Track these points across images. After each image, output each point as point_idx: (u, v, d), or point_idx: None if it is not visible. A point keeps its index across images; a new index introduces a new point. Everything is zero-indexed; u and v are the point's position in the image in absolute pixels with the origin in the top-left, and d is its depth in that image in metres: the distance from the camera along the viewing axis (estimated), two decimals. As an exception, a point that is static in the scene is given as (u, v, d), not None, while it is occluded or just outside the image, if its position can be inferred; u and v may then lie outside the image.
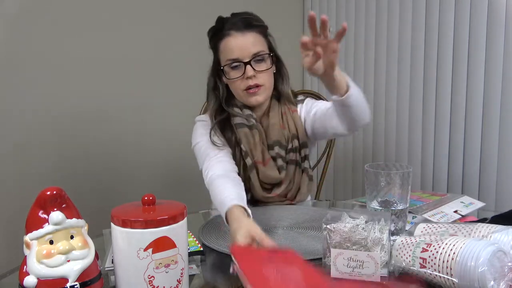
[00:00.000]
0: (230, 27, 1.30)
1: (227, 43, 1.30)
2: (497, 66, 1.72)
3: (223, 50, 1.31)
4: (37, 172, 1.80)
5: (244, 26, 1.31)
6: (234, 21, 1.32)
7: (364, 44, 2.22)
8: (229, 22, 1.31)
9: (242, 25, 1.31)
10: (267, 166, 1.30)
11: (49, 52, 1.79)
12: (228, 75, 1.31)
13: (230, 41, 1.29)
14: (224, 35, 1.30)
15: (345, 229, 0.81)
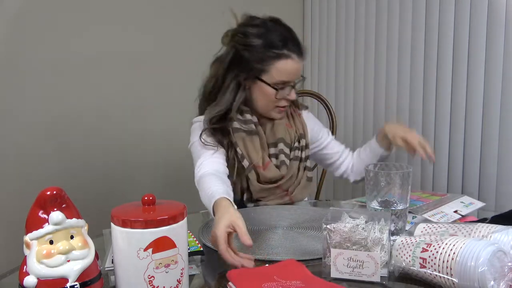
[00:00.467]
0: (293, 50, 1.27)
1: (287, 65, 1.27)
2: (497, 66, 1.72)
3: (280, 69, 1.26)
4: (37, 172, 1.80)
5: (302, 52, 1.30)
6: (295, 43, 1.29)
7: (364, 44, 2.22)
8: (291, 43, 1.28)
9: (301, 52, 1.30)
10: (267, 170, 1.31)
11: (49, 52, 1.79)
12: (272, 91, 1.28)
13: (290, 65, 1.27)
14: (286, 55, 1.26)
15: (345, 229, 0.81)
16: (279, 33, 1.28)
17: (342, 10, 2.31)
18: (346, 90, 2.32)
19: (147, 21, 2.02)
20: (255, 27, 1.29)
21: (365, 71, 2.23)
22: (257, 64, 1.26)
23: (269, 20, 1.31)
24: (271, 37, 1.27)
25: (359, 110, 2.28)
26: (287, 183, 1.34)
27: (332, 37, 2.37)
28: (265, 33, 1.27)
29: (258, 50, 1.26)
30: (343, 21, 2.31)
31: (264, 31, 1.28)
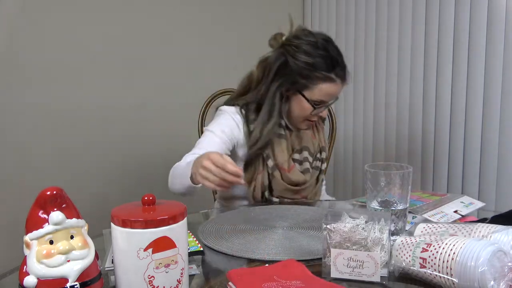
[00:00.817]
0: (339, 75, 1.32)
1: (330, 88, 1.32)
2: (497, 66, 1.72)
3: (323, 90, 1.32)
4: (37, 172, 1.80)
5: (346, 78, 1.35)
6: (342, 68, 1.33)
7: (364, 45, 2.22)
8: (338, 68, 1.32)
9: (345, 78, 1.34)
10: (291, 173, 1.36)
11: (49, 52, 1.79)
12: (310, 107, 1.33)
13: (333, 88, 1.32)
14: (331, 79, 1.31)
15: (345, 229, 0.81)
16: (330, 55, 1.31)
17: (342, 10, 2.31)
18: (346, 90, 2.32)
19: (147, 21, 2.02)
20: (309, 45, 1.31)
21: (365, 71, 2.23)
22: (303, 79, 1.31)
23: (323, 39, 1.33)
24: (322, 58, 1.30)
25: (359, 110, 2.28)
26: (306, 190, 1.40)
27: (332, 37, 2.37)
28: (317, 53, 1.30)
29: (307, 67, 1.30)
30: (343, 21, 2.31)
31: (318, 51, 1.30)
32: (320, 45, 1.31)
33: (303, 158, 1.41)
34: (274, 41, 1.38)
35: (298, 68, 1.30)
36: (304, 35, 1.33)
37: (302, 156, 1.41)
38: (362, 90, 2.24)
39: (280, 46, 1.35)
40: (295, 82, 1.32)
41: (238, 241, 1.01)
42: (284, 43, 1.34)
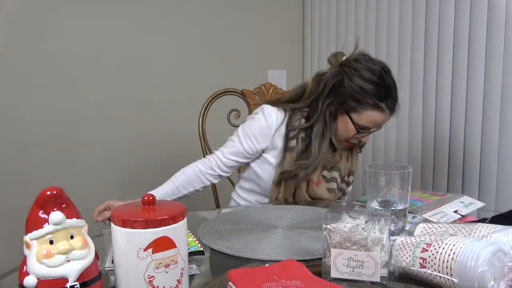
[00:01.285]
0: (390, 106, 1.35)
1: (378, 117, 1.35)
2: (497, 66, 1.72)
3: (370, 118, 1.35)
4: (37, 172, 1.80)
5: (395, 111, 1.38)
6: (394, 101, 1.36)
7: (364, 45, 2.22)
8: (390, 100, 1.35)
9: (395, 110, 1.38)
10: (319, 187, 1.39)
11: (49, 52, 1.79)
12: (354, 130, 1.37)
13: (380, 118, 1.35)
14: (381, 109, 1.34)
15: (345, 229, 0.81)
16: (385, 85, 1.34)
17: (342, 10, 2.31)
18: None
19: (148, 21, 2.02)
20: (368, 71, 1.33)
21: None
22: (353, 102, 1.33)
23: (381, 67, 1.35)
24: (377, 87, 1.32)
25: (359, 110, 2.28)
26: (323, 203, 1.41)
27: (332, 37, 2.37)
28: (373, 81, 1.32)
29: (360, 92, 1.32)
30: (343, 21, 2.31)
31: (374, 79, 1.32)
32: (377, 73, 1.33)
33: (331, 177, 1.44)
34: (334, 58, 1.41)
35: (351, 90, 1.33)
36: (364, 60, 1.35)
37: (331, 175, 1.44)
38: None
39: (339, 65, 1.38)
40: (345, 103, 1.35)
41: (238, 241, 1.01)
42: (343, 63, 1.37)
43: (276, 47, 2.43)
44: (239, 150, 1.42)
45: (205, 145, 1.76)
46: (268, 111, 1.42)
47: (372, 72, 1.33)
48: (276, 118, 1.40)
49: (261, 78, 2.33)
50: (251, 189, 1.49)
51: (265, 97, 1.81)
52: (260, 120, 1.41)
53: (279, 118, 1.40)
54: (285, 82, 2.48)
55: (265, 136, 1.40)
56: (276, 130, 1.40)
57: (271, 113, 1.41)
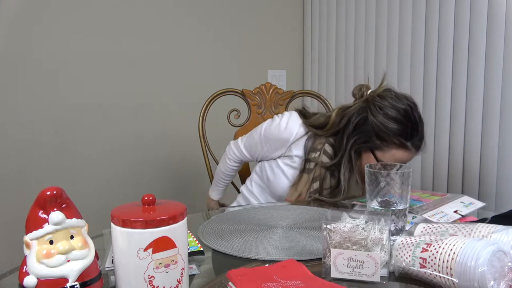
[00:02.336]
0: (415, 145, 1.33)
1: (403, 155, 1.32)
2: (497, 66, 1.72)
3: (396, 156, 1.32)
4: (37, 172, 1.80)
5: (421, 149, 1.36)
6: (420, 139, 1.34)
7: (364, 45, 2.22)
8: (416, 138, 1.33)
9: (420, 148, 1.35)
10: None
11: (49, 52, 1.79)
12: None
13: (406, 156, 1.33)
14: (407, 147, 1.31)
15: (345, 229, 0.81)
16: (411, 124, 1.32)
17: (342, 10, 2.31)
18: (346, 90, 2.32)
19: (148, 21, 2.02)
20: (393, 109, 1.31)
21: (365, 71, 2.23)
22: (378, 140, 1.31)
23: (408, 104, 1.33)
24: (403, 126, 1.30)
25: (359, 110, 2.28)
26: None
27: (332, 37, 2.37)
28: (400, 120, 1.30)
29: (385, 131, 1.30)
30: (343, 21, 2.31)
31: (400, 118, 1.30)
32: (403, 112, 1.31)
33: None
34: (359, 91, 1.39)
35: (377, 128, 1.31)
36: (390, 97, 1.33)
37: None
38: (362, 90, 2.24)
39: (363, 101, 1.36)
40: (370, 141, 1.33)
41: (238, 241, 1.01)
42: (368, 99, 1.35)
43: (276, 47, 2.43)
44: (256, 150, 1.48)
45: (205, 145, 1.76)
46: (293, 124, 1.41)
47: (398, 111, 1.31)
48: (297, 131, 1.40)
49: (261, 78, 2.33)
50: (262, 186, 1.50)
51: (265, 97, 1.81)
52: (279, 130, 1.42)
53: (299, 132, 1.40)
54: (285, 82, 2.48)
55: (283, 146, 1.42)
56: (293, 142, 1.40)
57: (295, 125, 1.41)
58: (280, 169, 1.42)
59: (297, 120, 1.42)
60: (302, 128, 1.41)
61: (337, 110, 1.41)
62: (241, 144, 1.54)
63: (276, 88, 1.83)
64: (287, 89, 1.93)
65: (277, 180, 1.43)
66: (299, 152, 1.40)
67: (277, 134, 1.42)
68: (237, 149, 1.55)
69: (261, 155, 1.49)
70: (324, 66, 2.41)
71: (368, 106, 1.34)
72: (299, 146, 1.40)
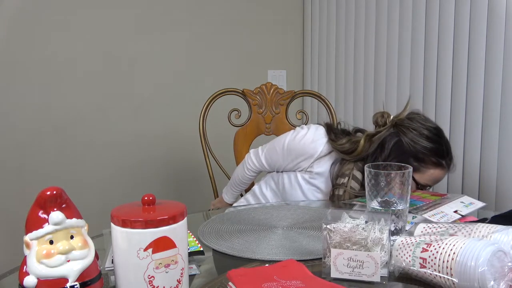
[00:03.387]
0: (449, 163, 1.34)
1: (440, 174, 1.34)
2: (497, 66, 1.72)
3: (433, 176, 1.33)
4: (37, 172, 1.80)
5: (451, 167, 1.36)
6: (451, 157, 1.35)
7: (364, 44, 2.22)
8: (449, 157, 1.34)
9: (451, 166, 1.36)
10: None
11: (49, 52, 1.79)
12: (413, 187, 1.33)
13: (442, 175, 1.34)
14: (443, 166, 1.32)
15: (345, 229, 0.81)
16: (445, 143, 1.34)
17: (342, 10, 2.31)
18: (346, 90, 2.32)
19: (148, 21, 2.02)
20: (428, 130, 1.33)
21: (365, 71, 2.23)
22: (416, 161, 1.31)
23: (437, 126, 1.36)
24: (439, 145, 1.32)
25: (359, 110, 2.28)
26: None
27: (332, 37, 2.37)
28: (435, 140, 1.32)
29: (424, 151, 1.30)
30: (343, 21, 2.31)
31: (435, 137, 1.32)
32: (435, 131, 1.34)
33: None
34: (382, 118, 1.39)
35: (414, 151, 1.30)
36: (420, 119, 1.35)
37: None
38: (362, 90, 2.24)
39: (392, 125, 1.36)
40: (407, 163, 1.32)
41: (238, 241, 1.01)
42: (398, 123, 1.36)
43: (276, 47, 2.43)
44: (277, 162, 1.46)
45: (206, 144, 1.76)
46: (319, 140, 1.40)
47: (431, 131, 1.32)
48: (322, 149, 1.39)
49: (261, 78, 2.33)
50: (275, 192, 1.49)
51: (266, 97, 1.81)
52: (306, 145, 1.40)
53: (324, 150, 1.39)
54: (285, 82, 2.48)
55: (306, 160, 1.40)
56: (317, 158, 1.39)
57: (321, 142, 1.40)
58: (298, 183, 1.41)
59: (323, 137, 1.41)
60: (328, 146, 1.39)
61: (365, 137, 1.38)
62: (262, 155, 1.50)
63: (277, 88, 1.83)
64: (287, 89, 1.93)
65: (293, 192, 1.42)
66: (320, 169, 1.39)
67: (301, 148, 1.40)
68: (257, 160, 1.51)
69: (282, 166, 1.46)
70: (324, 66, 2.41)
71: (399, 129, 1.34)
72: (321, 164, 1.39)
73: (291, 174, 1.43)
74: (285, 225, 1.12)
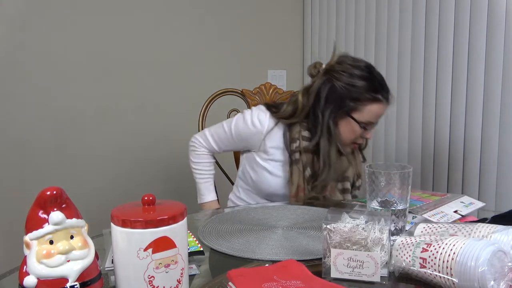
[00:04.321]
0: (385, 96, 1.38)
1: (378, 108, 1.37)
2: (497, 66, 1.72)
3: (372, 111, 1.37)
4: (37, 172, 1.80)
5: (389, 100, 1.40)
6: (387, 90, 1.39)
7: (364, 44, 2.22)
8: (385, 90, 1.38)
9: (390, 100, 1.40)
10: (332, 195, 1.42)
11: (49, 52, 1.79)
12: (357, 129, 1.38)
13: (381, 108, 1.38)
14: (379, 100, 1.36)
15: (345, 229, 0.81)
16: (376, 78, 1.38)
17: (342, 10, 2.31)
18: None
19: (148, 21, 2.02)
20: (357, 68, 1.37)
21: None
22: (352, 102, 1.36)
23: (367, 64, 1.40)
24: (370, 81, 1.36)
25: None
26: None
27: (332, 37, 2.37)
28: (367, 77, 1.36)
29: (357, 91, 1.35)
30: (343, 21, 2.31)
31: (367, 74, 1.36)
32: (366, 68, 1.37)
33: (344, 188, 1.46)
34: (314, 69, 1.43)
35: (347, 92, 1.35)
36: (348, 60, 1.39)
37: (344, 186, 1.46)
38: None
39: (324, 73, 1.39)
40: (344, 105, 1.36)
41: (238, 241, 1.01)
42: (328, 69, 1.39)
43: (276, 47, 2.43)
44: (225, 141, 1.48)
45: (205, 145, 1.76)
46: (262, 118, 1.43)
47: (361, 69, 1.36)
48: (267, 124, 1.42)
49: (261, 78, 2.33)
50: (248, 189, 1.51)
51: (265, 97, 1.81)
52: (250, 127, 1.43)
53: (270, 124, 1.42)
54: (285, 82, 2.48)
55: (255, 140, 1.43)
56: (266, 135, 1.42)
57: (263, 118, 1.43)
58: (261, 166, 1.44)
59: (265, 113, 1.44)
60: (272, 120, 1.43)
61: (301, 91, 1.44)
62: (208, 134, 1.51)
63: (276, 88, 1.83)
64: (287, 89, 1.93)
65: (261, 179, 1.44)
66: (273, 143, 1.42)
67: (250, 131, 1.43)
68: (203, 139, 1.51)
69: (230, 146, 1.49)
70: (324, 66, 2.41)
71: (331, 75, 1.37)
72: (272, 137, 1.42)
73: (253, 163, 1.46)
74: (285, 225, 1.12)
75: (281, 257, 0.91)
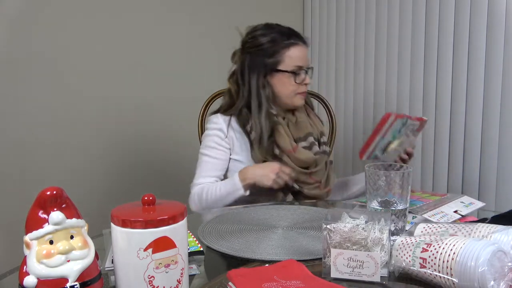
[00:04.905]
0: (297, 39, 1.45)
1: (296, 51, 1.44)
2: (497, 66, 1.72)
3: (292, 56, 1.43)
4: (37, 172, 1.80)
5: (305, 41, 1.48)
6: (297, 34, 1.47)
7: (364, 44, 2.22)
8: (294, 34, 1.46)
9: (304, 40, 1.48)
10: (297, 152, 1.42)
11: (49, 52, 1.79)
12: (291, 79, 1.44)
13: (299, 50, 1.45)
14: (293, 43, 1.44)
15: (345, 229, 0.81)
16: (281, 28, 1.46)
17: (342, 10, 2.31)
18: (346, 90, 2.32)
19: (147, 21, 2.02)
20: (260, 30, 1.47)
21: (365, 71, 2.23)
22: (271, 58, 1.43)
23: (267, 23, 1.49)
24: (278, 33, 1.44)
25: (359, 110, 2.28)
26: (319, 174, 1.46)
27: (332, 37, 2.37)
28: (270, 32, 1.45)
29: (269, 46, 1.43)
30: (343, 21, 2.31)
31: (269, 30, 1.45)
32: (266, 25, 1.47)
33: (310, 143, 1.48)
34: (235, 54, 1.52)
35: (263, 53, 1.43)
36: (252, 28, 1.49)
37: (309, 141, 1.48)
38: (362, 90, 2.24)
39: (240, 53, 1.49)
40: (266, 65, 1.43)
41: (238, 241, 1.01)
42: (241, 47, 1.49)
43: (276, 47, 2.42)
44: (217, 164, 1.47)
45: (205, 145, 1.76)
46: (214, 120, 1.49)
47: (266, 27, 1.46)
48: (223, 121, 1.47)
49: (261, 78, 2.33)
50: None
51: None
52: (215, 132, 1.47)
53: (225, 120, 1.48)
54: (285, 82, 2.47)
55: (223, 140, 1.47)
56: (228, 131, 1.47)
57: (218, 120, 1.48)
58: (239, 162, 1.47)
59: (215, 116, 1.50)
60: (224, 116, 1.48)
61: (228, 80, 1.51)
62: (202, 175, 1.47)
63: (276, 88, 1.83)
64: (287, 89, 1.93)
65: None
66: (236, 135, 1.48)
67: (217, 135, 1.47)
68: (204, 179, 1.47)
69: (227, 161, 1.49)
70: (324, 66, 2.41)
71: (244, 51, 1.47)
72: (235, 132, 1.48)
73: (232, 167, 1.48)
74: (285, 225, 1.12)
75: (281, 257, 0.91)
